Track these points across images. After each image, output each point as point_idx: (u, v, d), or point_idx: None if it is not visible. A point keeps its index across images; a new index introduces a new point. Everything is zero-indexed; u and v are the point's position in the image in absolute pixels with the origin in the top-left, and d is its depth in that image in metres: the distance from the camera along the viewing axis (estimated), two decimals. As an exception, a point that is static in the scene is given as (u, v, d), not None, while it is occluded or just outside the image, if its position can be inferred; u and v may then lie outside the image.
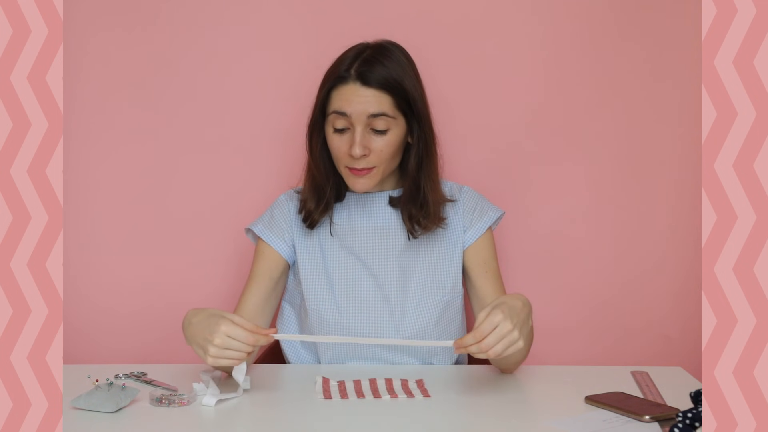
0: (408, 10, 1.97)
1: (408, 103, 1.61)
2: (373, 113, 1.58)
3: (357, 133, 1.58)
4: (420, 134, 1.64)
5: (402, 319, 1.66)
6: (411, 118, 1.63)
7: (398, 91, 1.59)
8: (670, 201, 2.01)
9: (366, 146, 1.59)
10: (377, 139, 1.60)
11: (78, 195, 1.97)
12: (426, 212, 1.66)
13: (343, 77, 1.59)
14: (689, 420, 1.23)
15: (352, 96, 1.58)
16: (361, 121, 1.58)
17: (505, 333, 1.36)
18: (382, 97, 1.58)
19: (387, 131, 1.60)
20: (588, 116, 2.00)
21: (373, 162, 1.61)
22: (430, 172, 1.66)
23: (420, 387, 1.51)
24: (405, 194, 1.68)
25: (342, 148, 1.61)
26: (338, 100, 1.59)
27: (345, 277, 1.69)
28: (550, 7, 1.98)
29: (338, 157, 1.63)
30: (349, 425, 1.34)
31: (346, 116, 1.58)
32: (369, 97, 1.58)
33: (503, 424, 1.35)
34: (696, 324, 2.01)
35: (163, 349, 1.98)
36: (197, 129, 1.99)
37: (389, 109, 1.59)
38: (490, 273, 1.71)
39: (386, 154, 1.61)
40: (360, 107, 1.57)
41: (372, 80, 1.58)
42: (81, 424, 1.33)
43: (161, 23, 1.97)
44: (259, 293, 1.68)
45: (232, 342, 1.39)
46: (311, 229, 1.70)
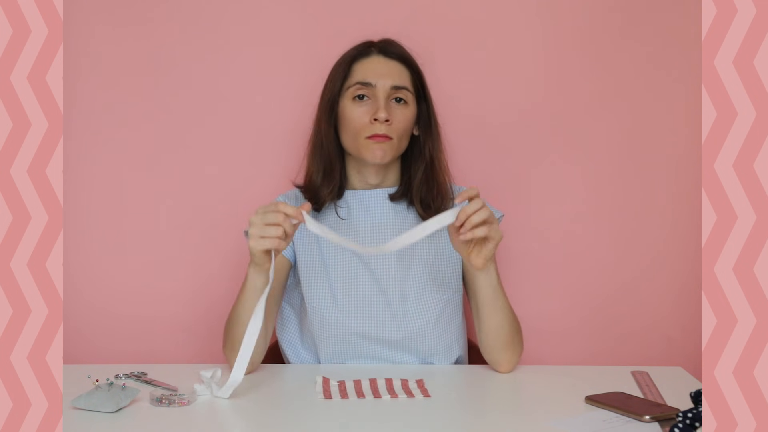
0: (407, 9, 1.98)
1: (421, 84, 1.70)
2: (397, 85, 1.65)
3: (381, 99, 1.64)
4: (428, 119, 1.71)
5: (403, 316, 1.66)
6: (421, 102, 1.70)
7: (414, 68, 1.69)
8: (670, 200, 2.01)
9: (390, 114, 1.64)
10: (397, 111, 1.66)
11: (78, 195, 1.97)
12: (439, 194, 1.70)
13: (365, 52, 1.69)
14: (689, 420, 1.23)
15: (376, 66, 1.67)
16: (385, 90, 1.65)
17: (488, 216, 1.43)
18: (403, 71, 1.68)
19: (406, 105, 1.67)
20: (588, 116, 2.00)
21: (393, 131, 1.65)
22: (439, 155, 1.72)
23: (420, 387, 1.51)
24: (417, 180, 1.71)
25: (363, 117, 1.65)
26: (362, 72, 1.67)
27: (344, 275, 1.69)
28: (550, 6, 1.98)
29: (359, 128, 1.65)
30: (349, 425, 1.34)
31: (370, 86, 1.65)
32: (393, 68, 1.67)
33: (503, 424, 1.35)
34: (696, 324, 2.01)
35: (163, 349, 1.98)
36: (198, 130, 1.99)
37: (409, 83, 1.68)
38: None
39: (403, 126, 1.67)
40: (384, 78, 1.65)
41: (394, 54, 1.68)
42: (81, 424, 1.33)
43: (161, 23, 1.97)
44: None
45: (269, 216, 1.42)
46: (318, 212, 1.70)
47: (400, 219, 1.72)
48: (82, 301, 1.99)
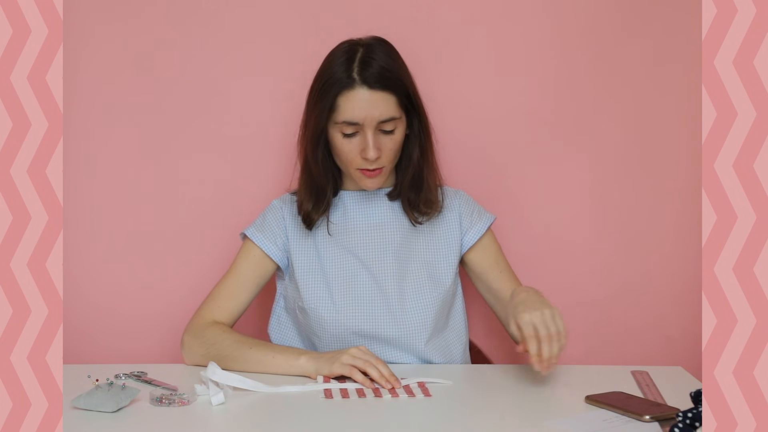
0: (405, 8, 1.97)
1: (408, 98, 1.66)
2: (384, 119, 1.62)
3: (369, 137, 1.62)
4: (419, 125, 1.69)
5: (402, 315, 1.67)
6: (411, 112, 1.67)
7: (400, 88, 1.64)
8: (671, 200, 2.01)
9: (378, 148, 1.62)
10: (386, 140, 1.64)
11: (78, 195, 1.97)
12: (426, 198, 1.70)
13: (348, 84, 1.61)
14: (689, 420, 1.23)
15: (361, 103, 1.61)
16: (372, 126, 1.62)
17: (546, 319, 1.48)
18: (389, 99, 1.62)
19: (394, 131, 1.64)
20: (588, 116, 2.00)
21: (383, 162, 1.65)
22: (428, 157, 1.71)
23: (421, 387, 1.51)
24: (406, 182, 1.71)
25: (353, 151, 1.64)
26: (348, 109, 1.62)
27: (342, 274, 1.69)
28: (550, 4, 1.97)
29: (349, 160, 1.65)
30: (350, 425, 1.34)
31: (358, 125, 1.62)
32: (378, 101, 1.61)
33: (503, 424, 1.35)
34: (696, 324, 2.01)
35: (163, 349, 1.98)
36: (198, 131, 1.99)
37: (395, 110, 1.63)
38: (504, 272, 1.77)
39: (393, 152, 1.66)
40: (371, 114, 1.61)
41: (377, 82, 1.61)
42: (81, 424, 1.33)
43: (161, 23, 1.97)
44: (235, 282, 1.71)
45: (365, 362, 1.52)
46: (309, 230, 1.70)
47: (399, 218, 1.72)
48: (82, 301, 1.98)
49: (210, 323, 1.67)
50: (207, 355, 1.61)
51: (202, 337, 1.64)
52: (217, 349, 1.61)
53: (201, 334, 1.64)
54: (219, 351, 1.60)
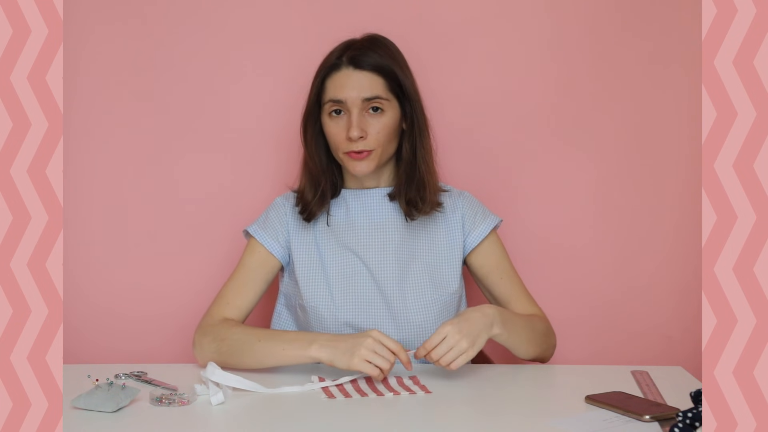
0: (406, 8, 1.97)
1: (400, 86, 1.66)
2: (368, 97, 1.63)
3: (354, 115, 1.63)
4: (413, 117, 1.68)
5: (402, 315, 1.67)
6: (404, 101, 1.67)
7: (389, 73, 1.65)
8: (673, 201, 2.01)
9: (363, 128, 1.63)
10: (373, 121, 1.64)
11: (78, 195, 1.97)
12: (422, 195, 1.69)
13: (336, 65, 1.65)
14: (689, 420, 1.23)
15: (345, 81, 1.63)
16: (357, 104, 1.63)
17: (453, 344, 1.48)
18: (375, 79, 1.64)
19: (382, 113, 1.64)
20: (588, 116, 2.00)
21: (370, 144, 1.64)
22: (424, 154, 1.70)
23: (417, 384, 1.51)
24: (401, 178, 1.70)
25: (339, 133, 1.64)
26: (333, 88, 1.64)
27: (342, 272, 1.69)
28: (551, 4, 1.98)
29: (336, 143, 1.66)
30: (351, 424, 1.34)
31: (341, 102, 1.63)
32: (362, 80, 1.63)
33: (503, 423, 1.35)
34: (697, 324, 2.01)
35: (163, 349, 1.98)
36: (198, 131, 1.99)
37: (382, 91, 1.64)
38: (506, 277, 1.75)
39: (383, 135, 1.65)
40: (354, 92, 1.62)
41: (364, 64, 1.63)
42: (81, 424, 1.33)
43: (161, 23, 1.97)
44: (242, 279, 1.71)
45: (383, 350, 1.50)
46: (308, 222, 1.71)
47: (400, 219, 1.72)
48: (82, 301, 1.99)
49: (220, 320, 1.66)
50: (218, 351, 1.60)
51: (212, 334, 1.63)
52: (228, 344, 1.60)
53: (211, 331, 1.64)
54: (230, 346, 1.60)
